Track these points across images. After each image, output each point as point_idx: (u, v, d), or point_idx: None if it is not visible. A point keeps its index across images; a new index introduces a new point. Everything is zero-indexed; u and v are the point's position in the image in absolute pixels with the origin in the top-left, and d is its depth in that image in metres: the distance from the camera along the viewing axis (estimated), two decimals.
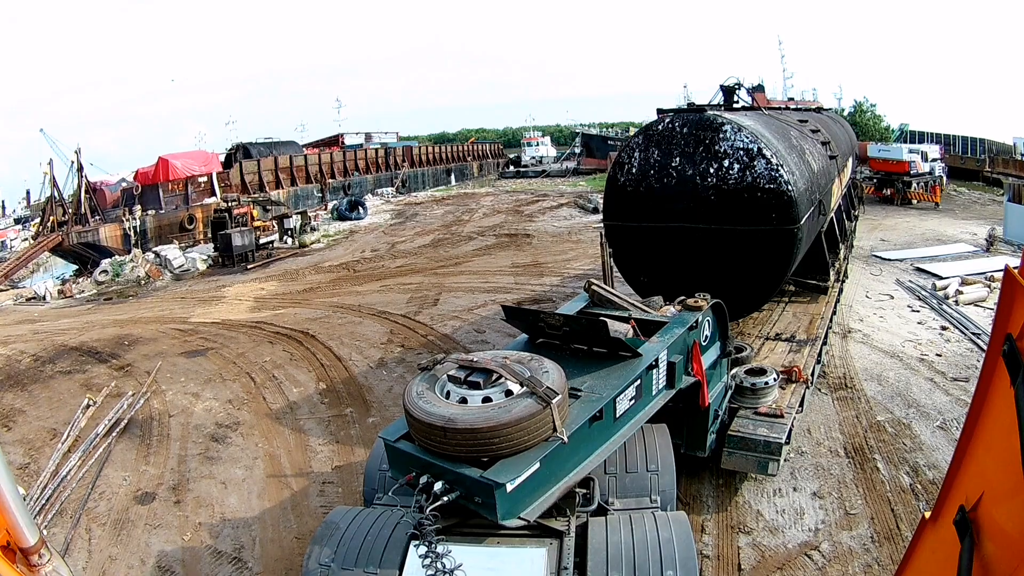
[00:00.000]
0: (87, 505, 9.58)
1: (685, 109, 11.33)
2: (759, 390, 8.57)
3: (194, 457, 10.64)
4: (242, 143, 50.88)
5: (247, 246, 29.28)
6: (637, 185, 10.67)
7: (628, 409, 5.83)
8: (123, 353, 16.16)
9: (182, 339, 17.15)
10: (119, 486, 10.02)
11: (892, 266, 20.29)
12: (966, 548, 2.23)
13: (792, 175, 9.83)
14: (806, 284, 13.23)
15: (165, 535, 8.71)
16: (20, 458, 11.05)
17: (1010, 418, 1.95)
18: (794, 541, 7.68)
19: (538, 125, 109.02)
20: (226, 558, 8.09)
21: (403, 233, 34.85)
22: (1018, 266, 2.19)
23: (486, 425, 4.58)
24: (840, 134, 19.18)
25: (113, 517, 9.24)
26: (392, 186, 58.58)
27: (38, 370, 15.42)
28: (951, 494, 2.62)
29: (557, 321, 6.35)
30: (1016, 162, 42.01)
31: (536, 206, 42.48)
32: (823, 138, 14.54)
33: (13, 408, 13.23)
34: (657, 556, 4.78)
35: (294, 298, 21.42)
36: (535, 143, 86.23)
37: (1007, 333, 2.08)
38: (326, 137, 71.08)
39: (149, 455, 10.89)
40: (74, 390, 13.91)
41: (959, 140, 50.65)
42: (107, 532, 8.93)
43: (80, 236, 32.14)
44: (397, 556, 4.92)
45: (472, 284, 21.31)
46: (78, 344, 17.34)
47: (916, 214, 30.60)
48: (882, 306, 16.21)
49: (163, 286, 26.63)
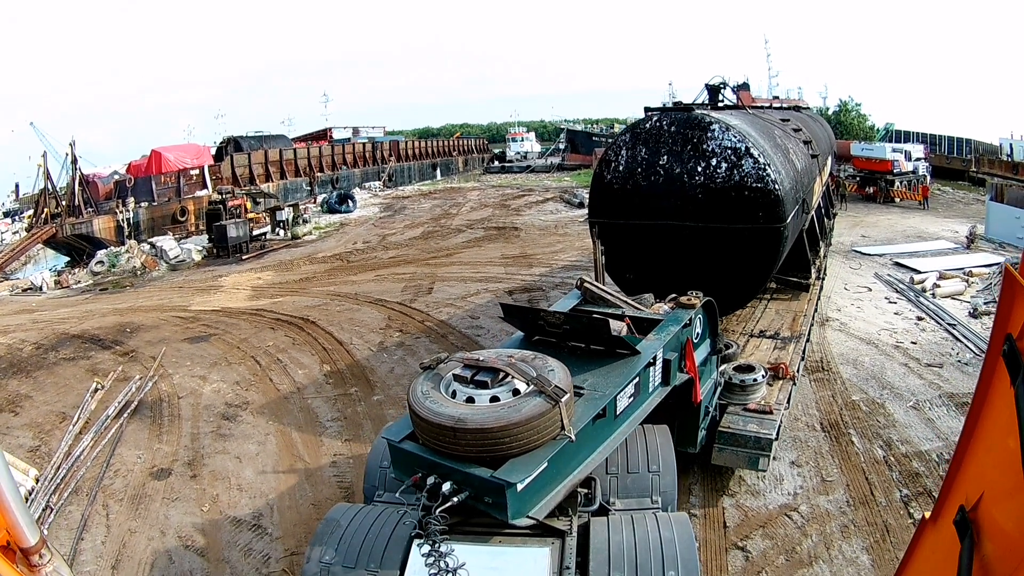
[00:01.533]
0: (102, 483, 9.93)
1: (673, 108, 11.40)
2: (748, 386, 8.69)
3: (207, 435, 11.10)
4: (233, 136, 51.05)
5: (241, 237, 29.65)
6: (624, 183, 10.78)
7: (627, 406, 5.90)
8: (126, 340, 16.51)
9: (184, 326, 17.52)
10: (134, 464, 10.42)
11: (871, 261, 20.94)
12: (966, 548, 2.24)
13: (779, 174, 10.03)
14: (788, 281, 13.39)
15: (184, 507, 9.14)
16: (30, 441, 11.38)
17: (1010, 418, 1.96)
18: (775, 503, 8.35)
19: (523, 121, 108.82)
20: (246, 526, 8.59)
21: (393, 226, 35.29)
22: (1018, 266, 2.21)
23: (497, 425, 4.57)
24: (820, 133, 19.56)
25: (130, 493, 9.63)
26: (379, 180, 58.86)
27: (41, 357, 15.69)
28: (951, 494, 2.62)
29: (557, 319, 6.36)
30: (1001, 162, 42.34)
31: (522, 200, 43.04)
32: (805, 137, 14.83)
33: (19, 394, 13.51)
34: (659, 556, 4.80)
35: (291, 287, 21.87)
36: (520, 138, 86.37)
37: (1007, 333, 2.09)
38: (314, 131, 71.40)
39: (162, 434, 11.31)
40: (80, 375, 14.22)
41: (945, 140, 51.13)
42: (125, 507, 9.30)
43: (74, 228, 32.23)
44: (398, 555, 4.93)
45: (464, 274, 21.87)
46: (80, 332, 17.60)
47: (898, 212, 31.32)
48: (860, 297, 16.89)
49: (159, 276, 26.92)
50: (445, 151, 77.78)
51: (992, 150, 46.24)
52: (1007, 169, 40.56)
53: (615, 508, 5.73)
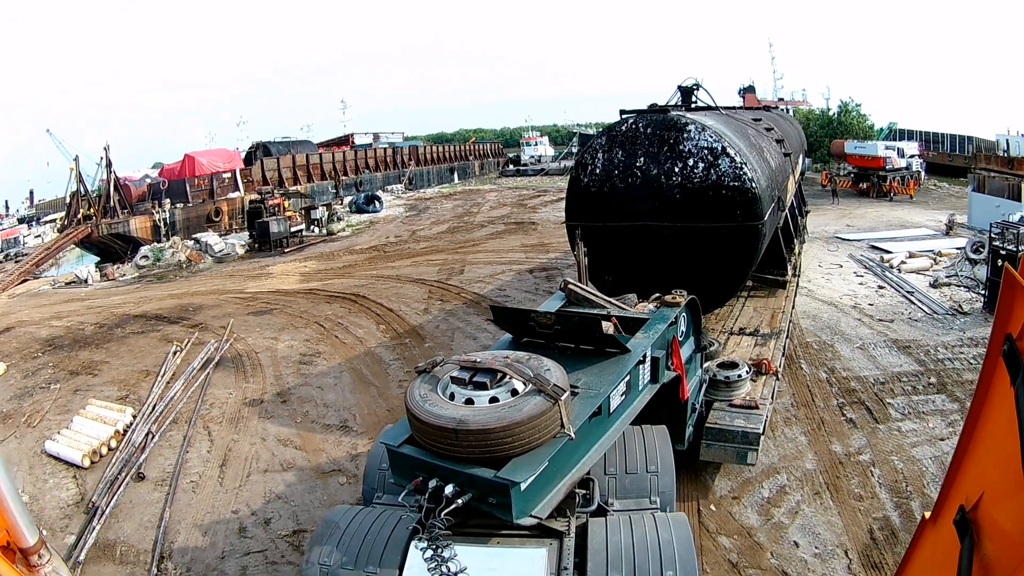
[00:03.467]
0: (199, 413, 12.13)
1: (648, 110, 11.57)
2: (732, 383, 8.83)
3: (289, 375, 13.72)
4: (262, 142, 54.07)
5: (282, 233, 32.48)
6: (601, 185, 10.86)
7: (620, 404, 5.94)
8: (191, 316, 18.88)
9: (244, 304, 20.04)
10: (226, 399, 12.81)
11: (849, 244, 23.26)
12: (966, 548, 2.24)
13: (755, 172, 10.22)
14: (764, 279, 13.57)
15: (279, 422, 11.66)
16: (116, 392, 13.26)
17: (1010, 418, 1.95)
18: None
19: (535, 125, 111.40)
20: (335, 428, 11.25)
21: (420, 223, 38.00)
22: (1018, 266, 2.22)
23: (499, 425, 4.57)
24: (791, 132, 20.31)
25: (228, 416, 11.98)
26: (400, 183, 61.60)
27: (107, 333, 17.69)
28: (951, 494, 2.62)
29: (548, 320, 6.36)
30: (998, 158, 42.30)
31: (538, 200, 45.81)
32: (777, 136, 15.39)
33: (93, 361, 15.42)
34: (657, 557, 4.81)
35: (337, 272, 24.56)
36: (534, 143, 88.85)
37: (1007, 333, 2.08)
38: (336, 137, 74.77)
39: (248, 378, 13.80)
40: (153, 344, 16.32)
41: (947, 138, 52.27)
42: (224, 427, 11.60)
43: (110, 228, 34.40)
44: (397, 556, 4.94)
45: (490, 259, 24.61)
46: (141, 313, 19.74)
47: (888, 205, 33.43)
48: (830, 272, 19.35)
49: (206, 268, 29.50)
50: (462, 155, 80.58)
51: (991, 146, 46.51)
52: (1003, 165, 40.16)
53: (613, 509, 5.75)
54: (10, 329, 18.95)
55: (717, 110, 13.45)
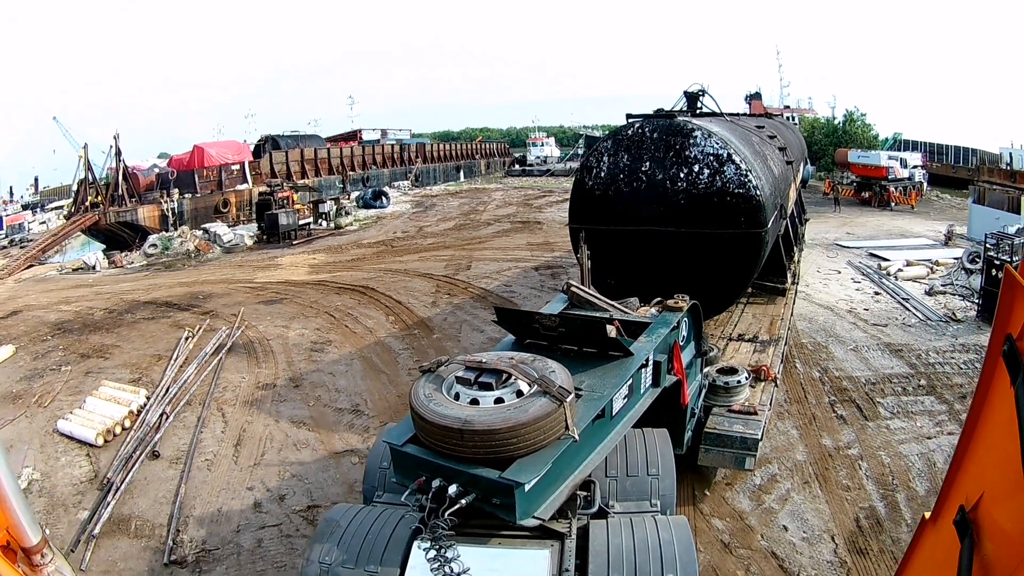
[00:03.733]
0: (213, 395, 12.48)
1: (655, 115, 11.53)
2: (732, 388, 8.85)
3: (300, 361, 14.18)
4: (271, 135, 54.70)
5: (291, 225, 32.95)
6: (606, 189, 10.85)
7: (622, 407, 5.97)
8: (202, 303, 19.25)
9: (254, 293, 20.46)
10: (239, 383, 13.20)
11: (848, 252, 23.64)
12: (966, 548, 2.24)
13: (759, 180, 10.22)
14: (764, 286, 13.56)
15: (291, 405, 12.08)
16: (129, 375, 13.57)
17: (1010, 418, 1.96)
18: None
19: (542, 126, 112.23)
20: (346, 411, 11.70)
21: (427, 219, 38.51)
22: (1018, 266, 2.22)
23: (505, 425, 4.58)
24: (793, 140, 20.37)
25: (242, 399, 12.36)
26: (407, 180, 62.10)
27: (118, 318, 17.98)
28: (951, 494, 2.62)
29: (552, 322, 6.39)
30: (1000, 171, 41.97)
31: (544, 200, 46.12)
32: (780, 143, 15.37)
33: (104, 344, 15.70)
34: (658, 559, 4.81)
35: (345, 265, 25.02)
36: (540, 143, 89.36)
37: (1007, 333, 2.09)
38: (344, 132, 75.35)
39: (260, 363, 14.22)
40: (164, 329, 16.65)
41: (951, 150, 52.51)
42: (238, 409, 11.97)
43: (118, 216, 34.75)
44: (398, 555, 4.94)
45: (496, 256, 25.11)
46: (151, 299, 20.03)
47: (889, 214, 33.74)
48: (828, 278, 19.77)
49: (215, 257, 29.90)
50: (468, 154, 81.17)
51: (994, 159, 46.34)
52: (1005, 177, 39.90)
53: (614, 511, 5.77)
54: (18, 313, 19.29)
55: (722, 116, 13.60)
